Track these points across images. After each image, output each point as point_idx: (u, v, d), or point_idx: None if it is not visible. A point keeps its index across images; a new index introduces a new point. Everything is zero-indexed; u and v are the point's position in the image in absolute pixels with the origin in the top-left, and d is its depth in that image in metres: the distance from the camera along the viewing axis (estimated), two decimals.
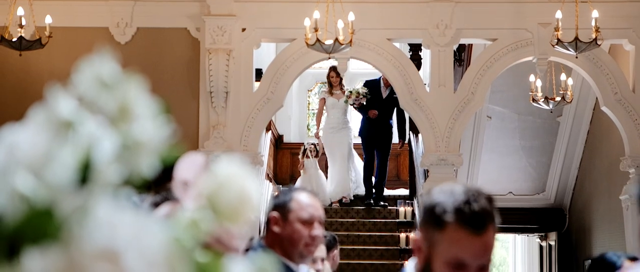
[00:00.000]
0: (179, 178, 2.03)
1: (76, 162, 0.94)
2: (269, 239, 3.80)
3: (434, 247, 2.56)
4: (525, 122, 15.05)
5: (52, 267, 0.88)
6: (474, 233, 2.51)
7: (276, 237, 3.78)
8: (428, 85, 11.88)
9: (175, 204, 2.11)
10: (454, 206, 2.52)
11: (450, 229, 2.52)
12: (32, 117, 0.98)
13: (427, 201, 2.61)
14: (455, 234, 2.52)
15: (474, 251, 2.52)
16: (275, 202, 3.83)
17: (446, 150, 11.45)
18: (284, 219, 3.77)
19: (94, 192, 0.93)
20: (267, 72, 11.63)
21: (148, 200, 2.75)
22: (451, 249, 2.52)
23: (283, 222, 3.76)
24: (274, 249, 3.76)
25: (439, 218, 2.53)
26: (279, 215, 3.77)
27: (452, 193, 2.55)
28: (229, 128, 11.38)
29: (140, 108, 0.99)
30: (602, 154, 14.12)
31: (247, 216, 1.08)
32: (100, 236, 0.89)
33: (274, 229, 3.77)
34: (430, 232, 2.57)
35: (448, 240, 2.52)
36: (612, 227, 13.52)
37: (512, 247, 20.32)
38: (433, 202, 2.57)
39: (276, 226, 3.77)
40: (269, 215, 3.79)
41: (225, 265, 0.99)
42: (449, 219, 2.52)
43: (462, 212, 2.51)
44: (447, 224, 2.52)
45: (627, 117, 11.47)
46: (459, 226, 2.51)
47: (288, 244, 3.77)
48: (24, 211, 0.91)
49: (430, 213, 2.57)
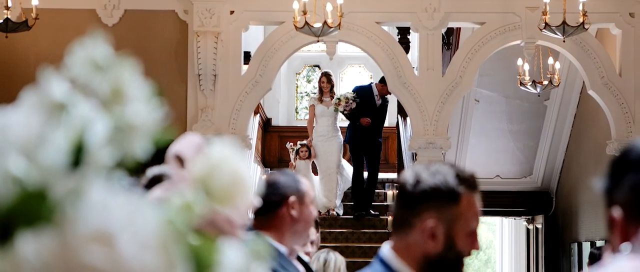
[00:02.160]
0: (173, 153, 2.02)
1: (69, 145, 0.94)
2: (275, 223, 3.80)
3: (454, 224, 2.62)
4: (513, 106, 15.08)
5: (45, 250, 0.87)
6: (477, 194, 2.67)
7: (290, 221, 3.79)
8: (416, 68, 11.88)
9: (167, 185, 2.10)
10: (457, 177, 2.63)
11: (465, 198, 2.62)
12: (24, 99, 0.97)
13: (426, 186, 2.63)
14: (469, 200, 2.63)
15: (479, 211, 2.68)
16: (290, 186, 3.84)
17: (434, 133, 11.47)
18: (300, 203, 3.80)
19: (87, 175, 0.93)
20: (256, 55, 11.61)
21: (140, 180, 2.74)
22: (469, 216, 2.63)
23: (299, 206, 3.79)
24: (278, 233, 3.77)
25: (451, 193, 2.61)
26: (296, 199, 3.79)
27: (442, 170, 2.65)
28: (218, 111, 11.37)
29: (133, 90, 0.99)
30: (589, 137, 14.17)
31: (240, 198, 1.08)
32: (94, 218, 0.89)
33: (293, 213, 3.78)
34: (445, 211, 2.62)
35: (466, 209, 2.63)
36: (598, 210, 13.56)
37: (499, 231, 20.37)
38: (435, 184, 2.62)
39: (294, 210, 3.79)
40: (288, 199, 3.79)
41: (219, 248, 0.99)
42: (461, 189, 2.62)
43: (467, 179, 2.64)
44: (461, 193, 2.62)
45: (614, 101, 11.51)
46: (469, 191, 2.63)
47: (302, 227, 3.84)
48: (16, 193, 0.91)
49: (439, 193, 2.62)
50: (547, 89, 12.77)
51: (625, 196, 1.97)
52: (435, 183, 2.62)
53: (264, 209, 3.80)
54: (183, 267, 0.94)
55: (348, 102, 13.40)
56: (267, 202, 3.79)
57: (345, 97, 13.44)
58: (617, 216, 1.97)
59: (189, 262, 0.96)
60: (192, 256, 0.96)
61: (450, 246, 2.62)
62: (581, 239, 14.58)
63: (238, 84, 11.45)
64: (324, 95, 13.88)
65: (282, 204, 3.79)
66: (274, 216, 3.80)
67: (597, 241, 13.41)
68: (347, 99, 13.41)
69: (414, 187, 2.66)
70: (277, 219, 3.80)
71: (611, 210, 1.99)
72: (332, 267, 6.46)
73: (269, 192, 3.78)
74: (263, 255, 1.06)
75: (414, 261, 2.67)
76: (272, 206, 3.79)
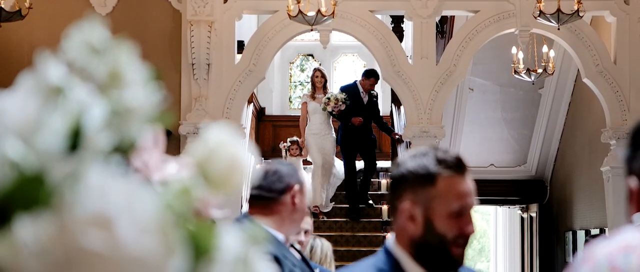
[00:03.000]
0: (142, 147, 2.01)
1: (66, 129, 0.93)
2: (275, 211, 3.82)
3: (430, 206, 2.61)
4: (507, 94, 15.10)
5: (43, 234, 0.87)
6: (461, 176, 2.62)
7: (291, 209, 3.83)
8: (410, 57, 11.88)
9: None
10: (436, 159, 2.61)
11: (441, 180, 2.60)
12: (21, 84, 0.96)
13: (404, 169, 2.65)
14: (448, 182, 2.60)
15: (466, 193, 2.62)
16: (293, 175, 3.88)
17: (428, 122, 11.48)
18: (301, 192, 3.84)
19: (84, 159, 0.92)
20: (249, 44, 11.60)
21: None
22: (448, 198, 2.60)
23: (300, 195, 3.84)
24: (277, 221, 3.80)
25: (427, 175, 2.60)
26: (299, 188, 3.84)
27: (424, 153, 2.65)
28: (211, 100, 11.37)
29: (131, 74, 0.98)
30: (583, 125, 14.19)
31: (238, 183, 1.07)
32: (92, 202, 0.88)
33: (296, 201, 3.81)
34: (421, 193, 2.62)
35: (443, 190, 2.60)
36: (593, 198, 13.59)
37: (493, 219, 20.41)
38: (412, 167, 2.64)
39: (297, 198, 3.83)
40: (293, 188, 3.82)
41: (217, 233, 0.98)
42: (437, 170, 2.60)
43: (443, 159, 2.61)
44: (437, 175, 2.60)
45: (609, 88, 11.52)
46: (449, 173, 2.60)
47: (300, 216, 3.90)
48: (13, 177, 0.90)
49: (415, 176, 2.62)
50: (541, 77, 12.78)
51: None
52: (412, 166, 2.63)
53: (265, 196, 3.82)
54: (181, 251, 0.93)
55: (337, 104, 13.08)
56: (269, 190, 3.81)
57: (335, 98, 13.13)
58: (633, 186, 1.96)
59: (187, 246, 0.95)
60: (190, 241, 0.96)
61: (430, 228, 2.62)
62: (575, 227, 14.61)
63: (232, 73, 11.44)
64: (316, 92, 13.58)
65: (285, 192, 3.81)
66: (276, 203, 3.82)
67: (592, 229, 13.44)
68: (336, 100, 13.10)
69: (395, 170, 2.70)
70: (279, 206, 3.82)
71: (629, 180, 1.99)
72: (319, 253, 6.48)
73: (272, 180, 3.81)
74: (261, 240, 1.05)
75: (405, 245, 2.69)
76: (275, 194, 3.81)
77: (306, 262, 4.21)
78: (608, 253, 1.84)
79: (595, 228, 13.23)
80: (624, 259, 1.81)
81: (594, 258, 1.85)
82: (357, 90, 13.34)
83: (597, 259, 1.85)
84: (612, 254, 1.83)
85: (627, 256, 1.81)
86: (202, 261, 0.97)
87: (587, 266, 1.85)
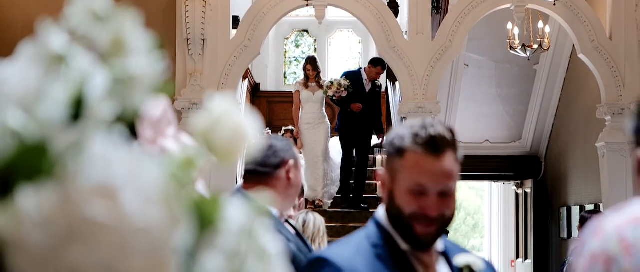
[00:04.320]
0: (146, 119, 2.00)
1: (68, 98, 0.92)
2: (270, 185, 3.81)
3: (395, 177, 2.63)
4: (502, 70, 15.08)
5: (46, 204, 0.86)
6: (432, 155, 2.58)
7: (286, 184, 3.82)
8: (406, 33, 11.85)
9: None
10: (412, 133, 2.60)
11: (409, 154, 2.60)
12: (22, 52, 0.95)
13: (389, 137, 2.69)
14: (414, 157, 2.59)
15: (432, 174, 2.59)
16: (288, 150, 3.87)
17: (424, 98, 11.47)
18: (295, 167, 3.84)
19: (87, 128, 0.91)
20: (244, 20, 11.56)
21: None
22: (411, 174, 2.60)
23: (295, 170, 3.83)
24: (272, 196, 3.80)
25: (398, 147, 2.61)
26: (294, 163, 3.83)
27: (411, 125, 2.65)
28: (206, 76, 11.34)
29: (134, 42, 0.97)
30: (578, 101, 14.19)
31: (241, 153, 1.06)
32: (96, 172, 0.87)
33: (291, 176, 3.81)
34: (391, 163, 2.65)
35: (408, 165, 2.60)
36: (587, 174, 13.62)
37: (488, 195, 20.45)
38: (394, 135, 2.66)
39: (291, 173, 3.82)
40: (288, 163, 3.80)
41: (222, 203, 0.97)
42: (407, 144, 2.60)
43: (418, 135, 2.59)
44: (406, 149, 2.60)
45: (604, 64, 11.51)
46: (417, 150, 2.59)
47: (294, 191, 3.88)
48: (15, 147, 0.89)
49: (390, 145, 2.65)
50: (536, 53, 12.75)
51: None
52: (394, 135, 2.66)
53: (259, 171, 3.81)
54: (186, 222, 0.92)
55: (339, 89, 12.75)
56: (264, 165, 3.80)
57: (338, 83, 12.79)
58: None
59: (192, 217, 0.94)
60: (195, 211, 0.95)
61: (391, 200, 2.65)
62: (570, 203, 14.65)
63: (227, 49, 11.41)
64: (309, 81, 13.23)
65: (281, 166, 3.80)
66: (271, 178, 3.81)
67: (586, 205, 13.47)
68: (339, 85, 12.76)
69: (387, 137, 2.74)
70: (274, 181, 3.81)
71: (637, 151, 1.97)
72: (312, 228, 6.51)
73: (267, 155, 3.80)
74: (265, 212, 1.05)
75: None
76: (269, 169, 3.80)
77: (300, 237, 4.22)
78: (617, 225, 1.83)
79: (590, 204, 13.26)
80: (633, 232, 1.80)
81: (603, 230, 1.84)
82: (360, 78, 13.06)
83: (606, 232, 1.84)
84: (621, 227, 1.82)
85: (636, 228, 1.80)
86: (206, 231, 0.96)
87: (596, 238, 1.84)
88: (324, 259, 2.64)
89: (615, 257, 1.78)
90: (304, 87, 13.20)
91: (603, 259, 1.79)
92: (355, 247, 2.68)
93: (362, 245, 2.67)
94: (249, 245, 1.00)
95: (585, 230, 1.92)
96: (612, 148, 11.30)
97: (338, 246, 2.75)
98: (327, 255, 2.66)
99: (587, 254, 1.83)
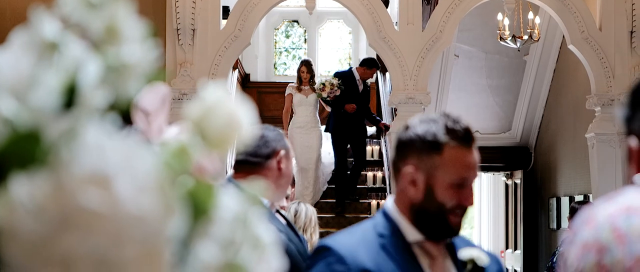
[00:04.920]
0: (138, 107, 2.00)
1: (61, 86, 0.91)
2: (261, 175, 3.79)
3: (434, 174, 2.64)
4: (492, 61, 15.08)
5: (39, 193, 0.85)
6: (468, 148, 2.65)
7: (277, 174, 3.81)
8: (396, 23, 11.85)
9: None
10: (445, 128, 2.63)
11: (448, 149, 2.63)
12: (14, 39, 0.94)
13: (412, 133, 2.68)
14: (454, 152, 2.63)
15: (471, 166, 2.66)
16: (279, 140, 3.85)
17: (414, 88, 11.46)
18: (286, 158, 3.82)
19: (81, 116, 0.90)
20: (235, 10, 11.53)
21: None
22: (454, 169, 2.63)
23: (286, 160, 3.82)
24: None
25: (434, 143, 2.63)
26: (285, 153, 3.82)
27: (434, 120, 2.67)
28: (196, 66, 11.31)
29: (129, 29, 0.96)
30: (568, 92, 14.21)
31: (236, 141, 1.06)
32: (90, 160, 0.87)
33: (282, 166, 3.80)
34: (426, 160, 2.65)
35: (449, 160, 2.63)
36: (577, 165, 13.65)
37: (478, 186, 20.47)
38: (421, 132, 2.66)
39: (283, 163, 3.81)
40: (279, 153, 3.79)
41: (216, 191, 0.97)
42: (445, 139, 2.62)
43: (455, 130, 2.63)
44: (445, 145, 2.63)
45: (594, 55, 11.51)
46: (456, 144, 2.63)
47: (286, 182, 3.87)
48: (8, 135, 0.88)
49: (422, 142, 2.65)
50: (526, 44, 12.76)
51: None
52: (421, 131, 2.66)
53: (250, 161, 3.80)
54: (180, 210, 0.92)
55: (333, 89, 12.69)
56: (255, 155, 3.79)
57: (331, 83, 12.71)
58: (633, 146, 1.94)
59: (186, 206, 0.94)
60: (189, 200, 0.94)
61: (430, 195, 2.66)
62: (560, 194, 14.68)
63: (217, 39, 11.38)
64: (302, 84, 13.08)
65: (271, 157, 3.79)
66: (262, 168, 3.80)
67: (576, 195, 13.50)
68: (332, 85, 12.69)
69: (403, 133, 2.72)
70: (265, 171, 3.80)
71: (628, 139, 1.97)
72: (303, 218, 6.50)
73: (258, 144, 3.78)
74: (259, 201, 1.04)
75: (405, 208, 2.72)
76: (260, 159, 3.79)
77: (291, 228, 4.21)
78: (609, 215, 1.83)
79: (579, 194, 13.29)
80: (625, 221, 1.79)
81: (595, 220, 1.84)
82: (353, 78, 13.02)
83: (598, 221, 1.83)
84: (613, 216, 1.82)
85: (629, 217, 1.80)
86: (201, 220, 0.96)
87: (588, 227, 1.84)
88: (326, 247, 2.67)
89: (608, 247, 1.77)
90: (297, 90, 13.07)
91: (596, 248, 1.79)
92: (360, 236, 2.71)
93: (368, 234, 2.71)
94: (243, 234, 0.99)
95: (576, 219, 1.92)
96: (602, 139, 11.32)
97: (343, 234, 2.77)
98: (330, 243, 2.69)
99: (580, 243, 1.83)
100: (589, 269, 1.78)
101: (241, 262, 0.98)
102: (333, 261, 2.62)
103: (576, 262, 1.81)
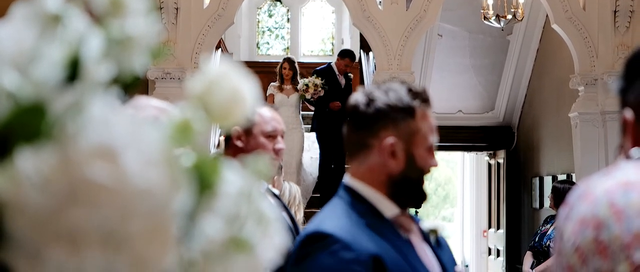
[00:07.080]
0: None
1: (64, 59, 0.90)
2: (230, 155, 3.77)
3: (413, 139, 2.59)
4: (476, 41, 15.10)
5: (45, 166, 0.84)
6: (430, 109, 2.64)
7: (239, 151, 3.75)
8: (380, 3, 11.83)
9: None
10: (409, 92, 2.60)
11: (419, 112, 2.59)
12: (16, 12, 0.93)
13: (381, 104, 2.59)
14: (424, 115, 2.60)
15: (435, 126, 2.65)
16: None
17: (398, 68, 11.47)
18: (247, 134, 3.76)
19: (85, 90, 0.89)
20: None
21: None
22: (428, 131, 2.60)
23: (246, 136, 3.76)
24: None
25: (408, 108, 2.58)
26: (242, 129, 3.75)
27: (392, 88, 2.62)
28: (180, 45, 11.27)
29: (132, 2, 0.95)
30: (551, 72, 14.25)
31: (240, 115, 1.05)
32: (96, 133, 0.86)
33: (237, 143, 3.75)
34: (403, 128, 2.58)
35: (423, 123, 2.60)
36: (560, 144, 13.70)
37: (461, 165, 20.53)
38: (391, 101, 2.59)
39: (239, 140, 3.76)
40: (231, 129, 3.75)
41: (221, 166, 0.96)
42: (415, 104, 2.58)
43: (418, 93, 2.61)
44: (416, 109, 2.58)
45: (578, 34, 11.54)
46: (425, 107, 2.60)
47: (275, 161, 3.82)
48: (11, 108, 0.87)
49: (395, 110, 2.58)
50: (510, 23, 12.77)
51: (637, 97, 1.94)
52: (390, 100, 2.58)
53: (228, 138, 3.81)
54: (187, 184, 0.91)
55: (317, 90, 12.34)
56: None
57: (314, 84, 12.33)
58: (628, 118, 1.93)
59: (192, 180, 0.93)
60: (194, 174, 0.94)
61: (411, 162, 2.59)
62: (542, 173, 14.74)
63: (200, 18, 11.35)
64: (284, 83, 12.66)
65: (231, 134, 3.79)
66: (230, 146, 3.80)
67: (559, 175, 13.56)
68: (316, 86, 12.33)
69: (368, 106, 2.61)
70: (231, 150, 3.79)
71: (624, 111, 1.95)
72: (288, 196, 6.51)
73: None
74: (264, 175, 1.04)
75: (379, 183, 2.61)
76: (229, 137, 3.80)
77: (283, 205, 4.20)
78: (606, 190, 1.81)
79: (562, 174, 13.35)
80: (623, 197, 1.78)
81: (592, 194, 1.83)
82: (333, 74, 12.69)
83: (595, 196, 1.82)
84: (611, 191, 1.80)
85: (626, 192, 1.78)
86: (206, 195, 0.95)
87: (585, 202, 1.83)
88: (324, 233, 2.47)
89: (605, 222, 1.76)
90: (279, 90, 12.66)
91: (593, 224, 1.78)
92: (347, 218, 2.56)
93: (352, 216, 2.57)
94: (247, 209, 0.99)
95: (572, 193, 1.90)
96: (585, 118, 11.36)
97: (330, 218, 2.57)
98: (328, 229, 2.49)
99: (577, 218, 1.82)
100: (586, 245, 1.77)
101: (246, 237, 0.98)
102: (338, 248, 2.41)
103: (573, 237, 1.80)
